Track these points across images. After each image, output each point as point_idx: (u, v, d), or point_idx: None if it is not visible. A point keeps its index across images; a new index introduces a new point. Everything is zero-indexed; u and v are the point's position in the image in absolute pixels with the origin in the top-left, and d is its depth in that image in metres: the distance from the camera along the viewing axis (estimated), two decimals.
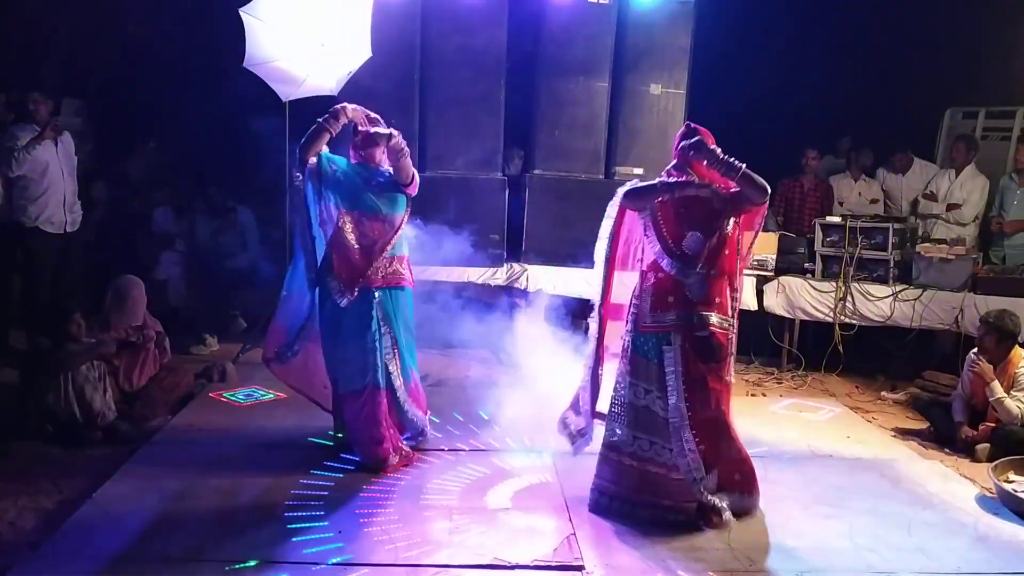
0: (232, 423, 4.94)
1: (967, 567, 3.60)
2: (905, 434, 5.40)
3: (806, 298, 6.52)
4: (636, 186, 3.92)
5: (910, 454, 5.00)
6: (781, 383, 6.45)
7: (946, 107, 7.85)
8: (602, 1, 6.58)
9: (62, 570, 3.26)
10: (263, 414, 5.12)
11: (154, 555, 3.41)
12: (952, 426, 5.17)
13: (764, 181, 3.72)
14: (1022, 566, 3.63)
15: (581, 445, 4.10)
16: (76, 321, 4.87)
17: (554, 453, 4.57)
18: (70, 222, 6.24)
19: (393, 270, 4.39)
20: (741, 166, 3.68)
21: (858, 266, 6.40)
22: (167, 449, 4.52)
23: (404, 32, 6.44)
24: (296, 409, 5.08)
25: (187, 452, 4.47)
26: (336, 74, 5.95)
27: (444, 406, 5.20)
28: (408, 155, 4.39)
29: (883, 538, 3.81)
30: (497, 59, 6.59)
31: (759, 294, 6.60)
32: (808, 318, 6.58)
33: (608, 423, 3.92)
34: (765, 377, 6.54)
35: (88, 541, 3.49)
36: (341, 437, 4.53)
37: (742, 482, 3.90)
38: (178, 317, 6.55)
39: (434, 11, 6.50)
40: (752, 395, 6.12)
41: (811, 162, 7.31)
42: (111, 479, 4.09)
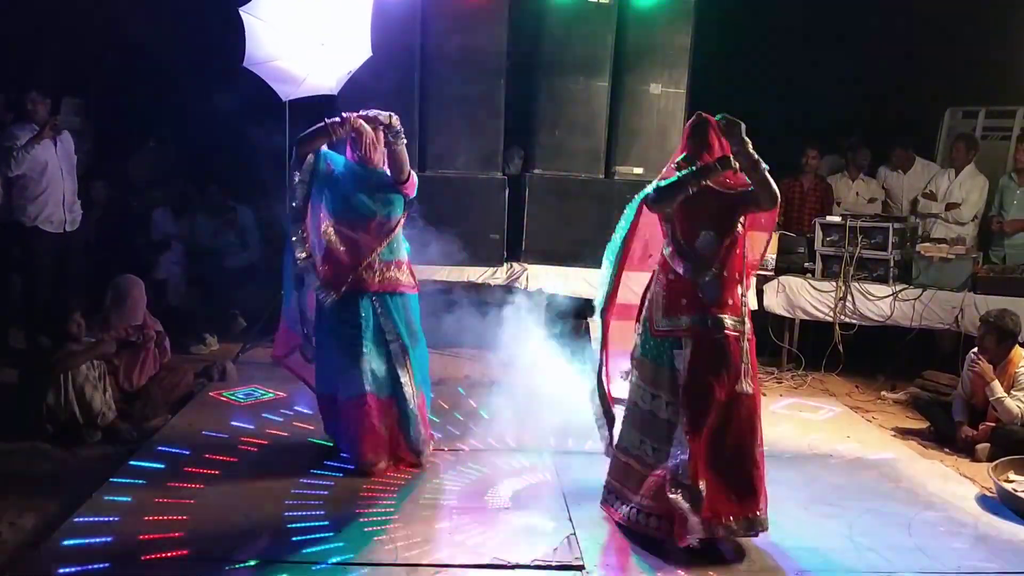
0: (232, 423, 4.93)
1: (967, 567, 3.61)
2: (905, 434, 5.40)
3: (806, 298, 6.52)
4: (661, 185, 3.61)
5: (910, 454, 5.01)
6: (781, 383, 6.46)
7: (946, 107, 7.84)
8: (602, 1, 6.58)
9: (62, 570, 3.25)
10: (263, 414, 5.12)
11: (153, 555, 3.40)
12: (952, 426, 5.18)
13: (777, 189, 3.55)
14: (1022, 566, 3.64)
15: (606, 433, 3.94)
16: (76, 320, 4.86)
17: (554, 453, 4.58)
18: (69, 221, 6.23)
19: (391, 275, 4.25)
20: (765, 167, 3.49)
21: (858, 266, 6.41)
22: (167, 449, 4.50)
23: (404, 32, 6.43)
24: (296, 409, 5.09)
25: (187, 452, 4.46)
26: (336, 73, 5.94)
27: (444, 406, 5.20)
28: (404, 140, 4.21)
29: (883, 538, 3.82)
30: (497, 59, 6.58)
31: (759, 293, 6.60)
32: (808, 318, 6.58)
33: (621, 424, 3.84)
34: (765, 377, 6.52)
35: (88, 541, 3.48)
36: (332, 445, 4.50)
37: (741, 505, 3.58)
38: (178, 317, 6.54)
39: (434, 11, 6.50)
40: None
41: (811, 161, 7.29)
42: (111, 479, 4.09)
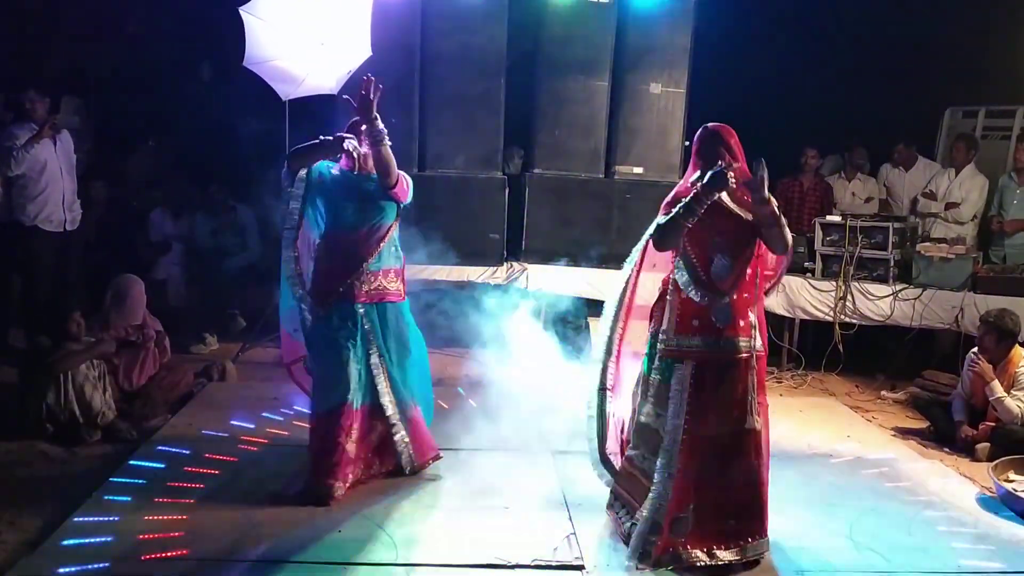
0: (232, 422, 4.93)
1: (967, 567, 3.61)
2: (905, 433, 5.40)
3: (806, 297, 6.52)
4: (661, 223, 3.48)
5: (910, 453, 5.01)
6: (781, 382, 6.45)
7: (946, 106, 7.84)
8: (602, 0, 6.58)
9: (62, 570, 3.25)
10: (263, 413, 5.11)
11: (153, 555, 3.40)
12: (952, 425, 5.18)
13: (791, 239, 3.45)
14: (1022, 566, 3.64)
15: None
16: (76, 320, 4.86)
17: (554, 453, 4.58)
18: (69, 221, 6.23)
19: (378, 285, 4.09)
20: (784, 221, 3.38)
21: (858, 265, 6.40)
22: (167, 448, 4.50)
23: (404, 31, 6.43)
24: (296, 408, 5.08)
25: (187, 451, 4.46)
26: (336, 73, 5.94)
27: (444, 406, 5.19)
28: (387, 145, 3.88)
29: (883, 537, 3.81)
30: (497, 58, 6.58)
31: None
32: (808, 317, 6.58)
33: (631, 435, 3.76)
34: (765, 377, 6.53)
35: (88, 541, 3.48)
36: None
37: (735, 529, 3.49)
38: (178, 317, 6.54)
39: (434, 10, 6.50)
40: None
41: (811, 161, 7.29)
42: (111, 479, 4.09)
